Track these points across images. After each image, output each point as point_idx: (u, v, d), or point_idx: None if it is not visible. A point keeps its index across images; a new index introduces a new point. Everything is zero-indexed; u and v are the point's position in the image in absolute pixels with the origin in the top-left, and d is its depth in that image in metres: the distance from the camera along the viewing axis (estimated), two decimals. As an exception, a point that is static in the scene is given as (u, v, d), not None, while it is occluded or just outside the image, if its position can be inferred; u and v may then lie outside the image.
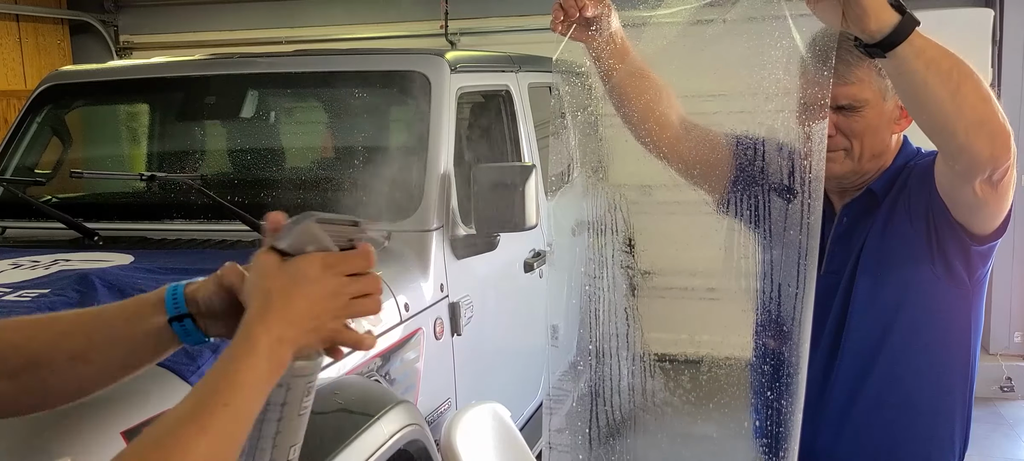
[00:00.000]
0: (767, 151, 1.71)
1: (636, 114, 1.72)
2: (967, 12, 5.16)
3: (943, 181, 1.57)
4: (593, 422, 1.91)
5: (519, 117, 3.54)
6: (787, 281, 1.61)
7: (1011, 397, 5.15)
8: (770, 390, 1.62)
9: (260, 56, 3.68)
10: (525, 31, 5.92)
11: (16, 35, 6.41)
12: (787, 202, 1.62)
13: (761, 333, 1.70)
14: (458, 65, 3.08)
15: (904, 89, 1.45)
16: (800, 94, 1.59)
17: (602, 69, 1.69)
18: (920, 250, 1.64)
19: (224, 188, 2.92)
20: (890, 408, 1.69)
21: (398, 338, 2.42)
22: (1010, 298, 5.15)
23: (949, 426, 1.72)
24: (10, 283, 2.27)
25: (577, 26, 1.63)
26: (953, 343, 1.69)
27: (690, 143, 1.75)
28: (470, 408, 2.55)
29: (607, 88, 1.72)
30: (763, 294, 1.68)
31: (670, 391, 1.88)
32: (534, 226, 2.78)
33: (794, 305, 1.59)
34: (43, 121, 3.35)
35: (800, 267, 1.58)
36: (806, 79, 1.56)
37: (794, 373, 1.57)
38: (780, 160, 1.66)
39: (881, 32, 1.35)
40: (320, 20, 6.40)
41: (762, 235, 1.70)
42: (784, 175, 1.65)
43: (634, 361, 1.88)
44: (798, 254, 1.58)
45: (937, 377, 1.70)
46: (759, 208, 1.70)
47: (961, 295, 1.66)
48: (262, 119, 3.36)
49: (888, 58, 1.38)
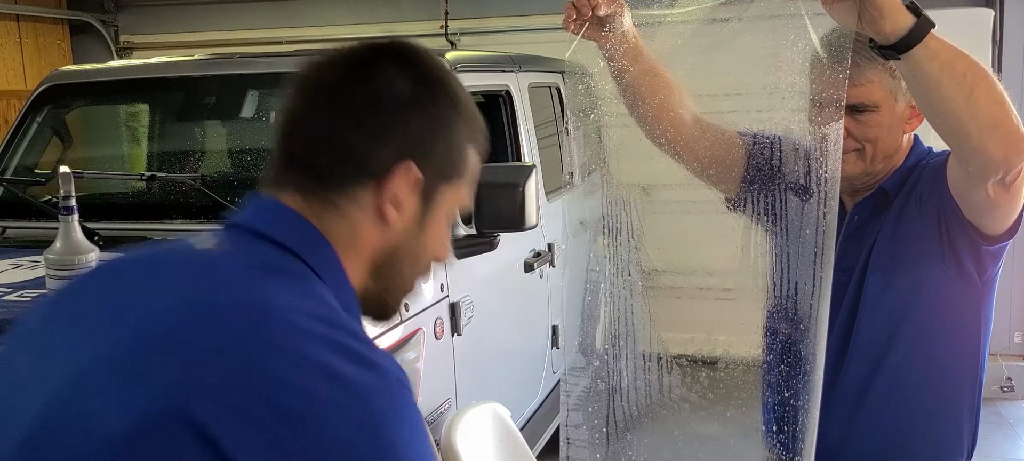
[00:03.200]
0: (783, 150, 1.71)
1: (650, 113, 1.72)
2: (967, 12, 5.16)
3: (955, 181, 1.56)
4: (609, 419, 1.91)
5: (519, 117, 3.54)
6: (803, 280, 1.61)
7: (1011, 397, 5.15)
8: (786, 389, 1.62)
9: (260, 56, 3.68)
10: (525, 31, 5.92)
11: (16, 35, 6.41)
12: (803, 201, 1.62)
13: (776, 331, 1.70)
14: (458, 65, 3.08)
15: (918, 91, 1.45)
16: (815, 94, 1.59)
17: (615, 68, 1.69)
18: (931, 249, 1.63)
19: (224, 188, 2.92)
20: (899, 406, 1.69)
21: (398, 338, 2.42)
22: (1010, 298, 5.15)
23: (957, 425, 1.72)
24: (10, 283, 2.27)
25: (590, 25, 1.63)
26: (963, 342, 1.69)
27: (705, 142, 1.75)
28: (470, 408, 2.55)
29: (620, 87, 1.72)
30: (778, 292, 1.68)
31: (687, 388, 1.88)
32: (534, 226, 2.78)
33: (810, 303, 1.59)
34: (43, 121, 3.35)
35: (816, 266, 1.58)
36: (822, 79, 1.56)
37: (810, 372, 1.57)
38: (796, 159, 1.66)
39: (896, 34, 1.35)
40: (320, 20, 6.40)
41: (777, 234, 1.70)
42: (800, 175, 1.64)
43: (649, 360, 1.88)
44: (814, 253, 1.58)
45: (946, 376, 1.70)
46: (774, 207, 1.70)
47: (971, 294, 1.66)
48: (262, 119, 3.36)
49: (903, 60, 1.38)
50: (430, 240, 1.00)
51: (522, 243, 3.31)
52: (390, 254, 0.97)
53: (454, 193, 1.01)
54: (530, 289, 3.49)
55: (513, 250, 3.22)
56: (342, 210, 0.93)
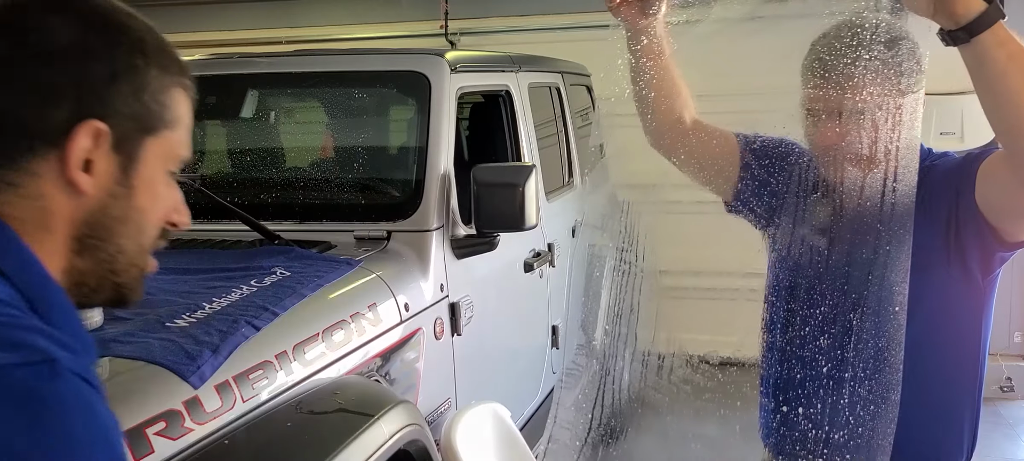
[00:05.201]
0: (785, 151, 1.71)
1: (660, 113, 1.73)
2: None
3: (992, 184, 1.54)
4: (596, 416, 1.91)
5: (519, 117, 3.54)
6: (858, 253, 1.59)
7: (1011, 397, 5.16)
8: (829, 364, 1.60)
9: (260, 56, 3.68)
10: (525, 31, 5.92)
11: (16, 35, 6.41)
12: (865, 173, 1.59)
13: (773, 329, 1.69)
14: (458, 65, 3.08)
15: (981, 81, 1.43)
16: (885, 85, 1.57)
17: (637, 63, 1.69)
18: (936, 252, 1.63)
19: (224, 188, 2.92)
20: (900, 405, 1.69)
21: (398, 338, 2.42)
22: (1010, 298, 5.15)
23: (958, 426, 1.72)
24: (10, 283, 2.27)
25: (636, 9, 1.63)
26: (964, 343, 1.69)
27: (703, 145, 1.75)
28: (470, 408, 2.55)
29: (636, 84, 1.72)
30: (777, 290, 1.67)
31: (699, 386, 1.88)
32: (534, 226, 2.78)
33: (867, 277, 1.58)
34: (43, 121, 3.35)
35: (879, 241, 1.56)
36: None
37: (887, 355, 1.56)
38: (860, 129, 1.62)
39: (967, 16, 1.36)
40: (320, 20, 6.40)
41: (782, 231, 1.68)
42: (865, 145, 1.61)
43: (651, 358, 1.88)
44: (877, 228, 1.56)
45: (947, 377, 1.70)
46: (771, 209, 1.70)
47: (973, 296, 1.66)
48: (262, 119, 3.36)
49: (970, 44, 1.38)
50: (144, 201, 0.91)
51: (522, 243, 3.31)
52: (95, 225, 0.88)
53: (162, 145, 0.92)
54: (530, 289, 3.49)
55: (513, 250, 3.22)
56: (21, 187, 0.84)
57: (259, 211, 2.76)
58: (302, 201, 2.87)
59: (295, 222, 2.79)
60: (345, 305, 2.26)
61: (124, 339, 1.89)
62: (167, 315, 1.89)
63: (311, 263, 2.39)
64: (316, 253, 2.51)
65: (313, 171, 3.16)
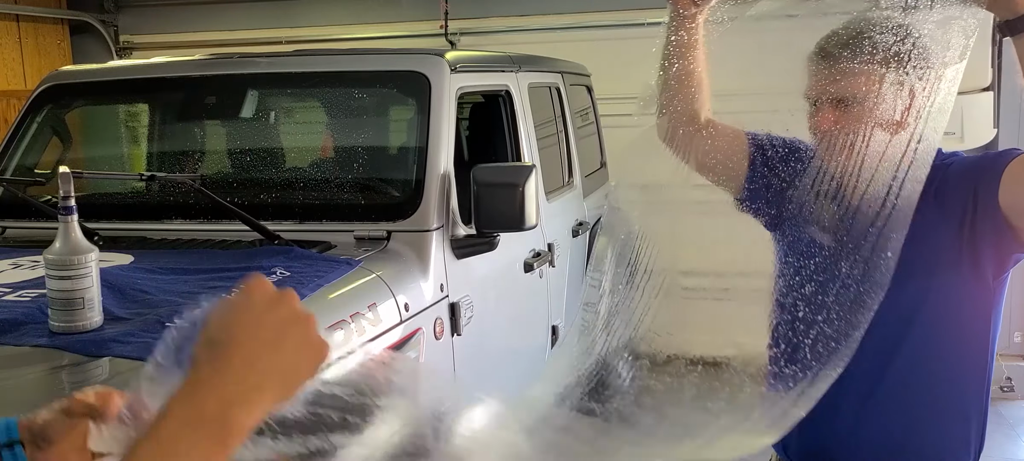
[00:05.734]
0: (788, 148, 1.70)
1: (681, 108, 1.74)
2: (967, 11, 5.15)
3: (1022, 186, 1.54)
4: None
5: (519, 117, 3.54)
6: (866, 207, 1.58)
7: (1011, 397, 5.15)
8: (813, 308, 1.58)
9: (260, 56, 3.68)
10: (525, 31, 5.92)
11: (16, 35, 6.41)
12: (891, 135, 1.58)
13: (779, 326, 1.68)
14: (458, 65, 3.08)
15: None
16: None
17: (670, 53, 1.70)
18: (948, 252, 1.62)
19: (224, 188, 2.92)
20: (907, 404, 1.69)
21: (398, 338, 2.42)
22: (1010, 298, 5.13)
23: (965, 425, 1.71)
24: (10, 283, 2.27)
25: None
26: (972, 343, 1.69)
27: (715, 142, 1.76)
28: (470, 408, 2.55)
29: (665, 76, 1.73)
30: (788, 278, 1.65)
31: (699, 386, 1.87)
32: (534, 226, 2.78)
33: (872, 228, 1.56)
34: (43, 121, 3.35)
35: (887, 195, 1.55)
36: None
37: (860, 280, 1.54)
38: (896, 97, 1.61)
39: None
40: (320, 20, 6.40)
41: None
42: (896, 111, 1.60)
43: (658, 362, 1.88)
44: (888, 186, 1.55)
45: (955, 377, 1.69)
46: (780, 205, 1.70)
47: (983, 295, 1.66)
48: (262, 119, 3.36)
49: None
50: None
51: (522, 243, 3.31)
52: None
53: None
54: (530, 289, 3.49)
55: (513, 250, 3.22)
56: None
57: (259, 211, 2.75)
58: (302, 201, 2.87)
59: (295, 222, 2.79)
60: (345, 305, 2.26)
61: (124, 339, 1.89)
62: (167, 315, 1.89)
63: (311, 263, 2.39)
64: (316, 253, 2.51)
65: (313, 171, 3.16)
